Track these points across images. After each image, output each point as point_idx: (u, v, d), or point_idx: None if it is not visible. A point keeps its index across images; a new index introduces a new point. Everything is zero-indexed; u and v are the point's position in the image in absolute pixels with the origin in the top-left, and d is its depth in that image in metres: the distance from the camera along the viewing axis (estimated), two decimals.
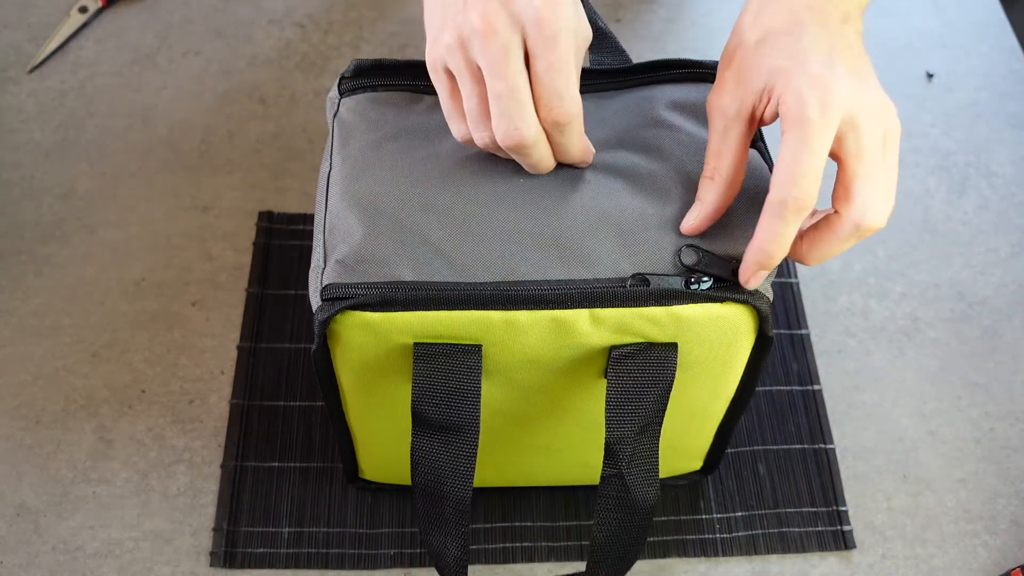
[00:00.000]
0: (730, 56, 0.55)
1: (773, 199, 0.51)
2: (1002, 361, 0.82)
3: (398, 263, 0.55)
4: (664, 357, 0.56)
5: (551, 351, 0.56)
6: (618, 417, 0.55)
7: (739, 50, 0.54)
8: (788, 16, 0.53)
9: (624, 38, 0.98)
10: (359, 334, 0.55)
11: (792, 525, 0.74)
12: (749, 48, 0.53)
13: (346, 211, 0.57)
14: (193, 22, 0.98)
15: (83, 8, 0.97)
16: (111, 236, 0.85)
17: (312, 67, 0.96)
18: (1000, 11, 1.02)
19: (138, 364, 0.79)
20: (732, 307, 0.55)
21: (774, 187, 0.51)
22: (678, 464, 0.72)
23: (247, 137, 0.91)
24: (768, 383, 0.80)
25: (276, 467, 0.75)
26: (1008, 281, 0.86)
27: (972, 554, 0.73)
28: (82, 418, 0.76)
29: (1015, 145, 0.93)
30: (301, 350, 0.80)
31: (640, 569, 0.72)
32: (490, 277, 0.54)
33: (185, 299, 0.82)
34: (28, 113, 0.91)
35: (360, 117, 0.61)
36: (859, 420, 0.79)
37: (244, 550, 0.71)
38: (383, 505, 0.74)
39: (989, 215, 0.89)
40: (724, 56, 0.55)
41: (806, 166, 0.50)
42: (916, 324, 0.83)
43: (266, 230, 0.85)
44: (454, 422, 0.55)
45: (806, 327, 0.82)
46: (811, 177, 0.50)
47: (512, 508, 0.74)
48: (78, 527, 0.72)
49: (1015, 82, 0.97)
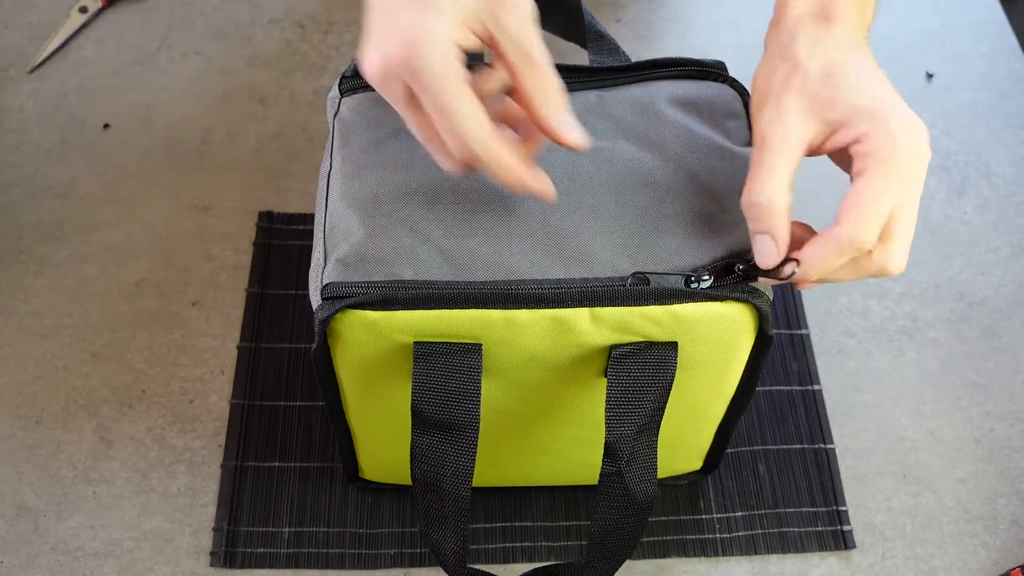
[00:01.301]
0: (785, 80, 0.53)
1: (840, 233, 0.51)
2: (1002, 361, 0.82)
3: (398, 262, 0.55)
4: (664, 356, 0.56)
5: (551, 350, 0.56)
6: (618, 416, 0.55)
7: (801, 77, 0.53)
8: (845, 49, 0.53)
9: (624, 38, 0.98)
10: (359, 333, 0.55)
11: (792, 525, 0.74)
12: (815, 78, 0.52)
13: (346, 210, 0.57)
14: (193, 22, 0.98)
15: (83, 8, 0.97)
16: (111, 236, 0.85)
17: (312, 67, 0.96)
18: (1000, 11, 1.02)
19: (138, 364, 0.79)
20: (732, 306, 0.55)
21: (844, 222, 0.51)
22: (678, 464, 0.72)
23: (247, 137, 0.91)
24: (768, 383, 0.80)
25: (276, 467, 0.75)
26: (1008, 281, 0.86)
27: (972, 554, 0.73)
28: (82, 418, 0.76)
29: (1015, 145, 0.93)
30: (301, 350, 0.80)
31: (640, 569, 0.72)
32: (490, 276, 0.54)
33: (185, 299, 0.82)
34: (28, 113, 0.91)
35: (361, 116, 0.61)
36: (859, 420, 0.79)
37: (244, 550, 0.71)
38: (383, 505, 0.74)
39: (989, 215, 0.89)
40: (776, 77, 0.54)
41: (881, 210, 0.51)
42: (916, 324, 0.83)
43: (266, 230, 0.85)
44: (454, 421, 0.55)
45: (806, 327, 0.82)
46: (880, 221, 0.51)
47: (512, 508, 0.74)
48: (78, 527, 0.72)
49: (1015, 82, 0.97)
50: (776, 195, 0.52)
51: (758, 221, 0.53)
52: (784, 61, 0.54)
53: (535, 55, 0.51)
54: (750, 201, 0.53)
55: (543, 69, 0.51)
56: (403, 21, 0.49)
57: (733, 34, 1.00)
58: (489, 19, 0.50)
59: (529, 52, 0.51)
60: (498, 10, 0.50)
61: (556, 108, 0.52)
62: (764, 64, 0.55)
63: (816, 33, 0.54)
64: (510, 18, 0.50)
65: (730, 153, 0.59)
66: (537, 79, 0.52)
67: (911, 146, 0.51)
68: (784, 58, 0.54)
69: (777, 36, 0.55)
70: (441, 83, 0.49)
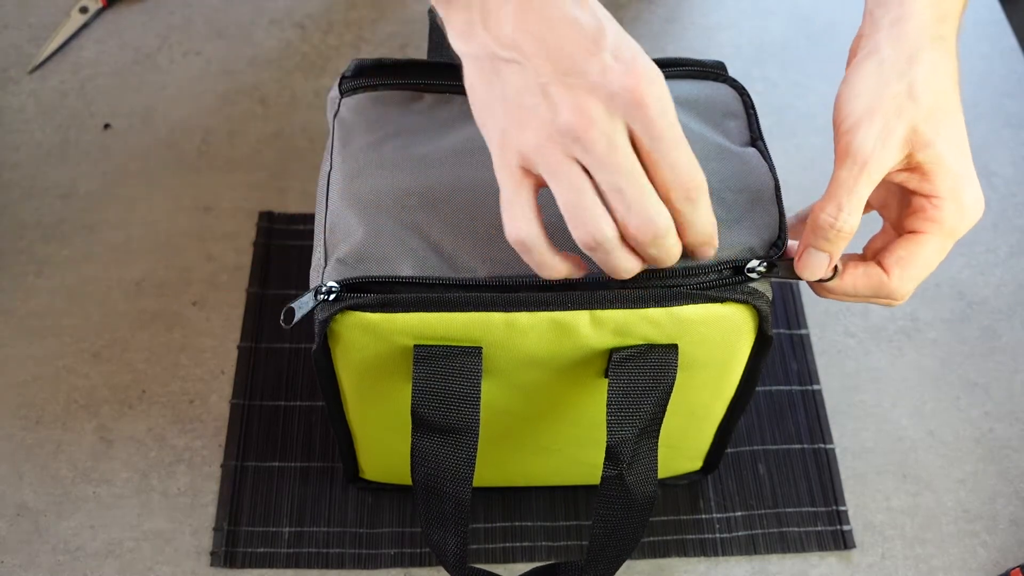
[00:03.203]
0: (899, 105, 0.51)
1: (885, 283, 0.52)
2: (1002, 361, 0.82)
3: (398, 260, 0.55)
4: (665, 360, 0.56)
5: (551, 352, 0.56)
6: (619, 420, 0.55)
7: (913, 108, 0.51)
8: (951, 85, 0.53)
9: None
10: (359, 335, 0.55)
11: (792, 525, 0.74)
12: (923, 111, 0.51)
13: (347, 210, 0.57)
14: (193, 22, 0.98)
15: (83, 8, 0.97)
16: (111, 236, 0.85)
17: (312, 67, 0.96)
18: (1000, 11, 1.02)
19: (138, 364, 0.79)
20: (732, 307, 0.55)
21: (893, 275, 0.52)
22: (678, 464, 0.72)
23: (247, 137, 0.91)
24: (768, 383, 0.80)
25: (276, 467, 0.75)
26: (1008, 281, 0.86)
27: (971, 554, 0.73)
28: (82, 418, 0.76)
29: (1015, 145, 0.93)
30: (301, 350, 0.80)
31: (640, 568, 0.72)
32: (489, 271, 0.54)
33: (185, 299, 0.82)
34: (29, 113, 0.91)
35: (361, 117, 0.61)
36: (859, 420, 0.79)
37: (244, 550, 0.72)
38: (383, 505, 0.74)
39: (989, 215, 0.89)
40: (888, 95, 0.52)
41: (927, 272, 0.52)
42: (916, 324, 0.83)
43: (266, 230, 0.85)
44: (454, 425, 0.55)
45: (806, 327, 0.82)
46: (921, 280, 0.53)
47: (512, 508, 0.74)
48: (78, 527, 0.72)
49: (1015, 82, 0.97)
50: (855, 223, 0.51)
51: (825, 241, 0.52)
52: (900, 80, 0.52)
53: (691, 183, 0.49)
54: (826, 222, 0.52)
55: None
56: (563, 101, 0.47)
57: (732, 34, 1.00)
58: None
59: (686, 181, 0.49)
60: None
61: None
62: (876, 67, 0.52)
63: (934, 57, 0.52)
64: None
65: (729, 153, 0.59)
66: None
67: (972, 222, 0.52)
68: (901, 76, 0.52)
69: (899, 41, 0.53)
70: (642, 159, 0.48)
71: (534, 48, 0.47)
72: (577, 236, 0.49)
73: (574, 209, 0.48)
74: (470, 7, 0.49)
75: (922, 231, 0.52)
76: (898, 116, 0.51)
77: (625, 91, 0.46)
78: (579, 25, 0.47)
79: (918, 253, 0.52)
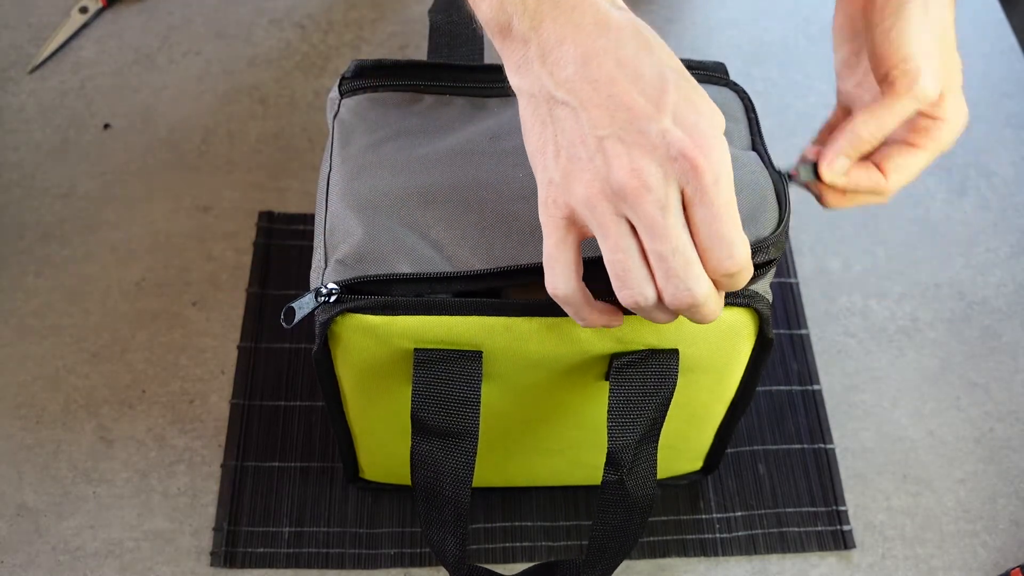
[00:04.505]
0: (944, 49, 0.56)
1: (882, 184, 0.57)
2: (1002, 361, 0.82)
3: (397, 260, 0.55)
4: (665, 366, 0.56)
5: (552, 356, 0.56)
6: (620, 426, 0.55)
7: (951, 53, 0.56)
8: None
9: None
10: (360, 337, 0.55)
11: (792, 525, 0.74)
12: (955, 57, 0.57)
13: (346, 211, 0.57)
14: (193, 22, 0.98)
15: (83, 8, 0.97)
16: (111, 236, 0.85)
17: (312, 67, 0.96)
18: (1000, 11, 1.02)
19: (138, 364, 0.79)
20: (732, 310, 0.55)
21: (891, 179, 0.57)
22: (678, 464, 0.72)
23: (247, 137, 0.91)
24: (768, 383, 0.80)
25: (276, 467, 0.75)
26: (1008, 281, 0.86)
27: (972, 554, 0.73)
28: (82, 418, 0.76)
29: (1015, 145, 0.93)
30: (301, 350, 0.80)
31: (640, 568, 0.72)
32: (488, 265, 0.54)
33: (185, 299, 0.82)
34: (28, 113, 0.91)
35: (360, 118, 0.61)
36: (859, 420, 0.79)
37: (244, 550, 0.72)
38: (383, 505, 0.74)
39: (989, 215, 0.89)
40: (937, 41, 0.56)
41: (915, 177, 0.59)
42: (916, 324, 0.83)
43: (266, 230, 0.85)
44: (454, 428, 0.55)
45: (806, 327, 0.82)
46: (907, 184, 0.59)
47: (512, 508, 0.74)
48: (78, 527, 0.72)
49: (1015, 82, 0.97)
50: (882, 137, 0.56)
51: (856, 151, 0.57)
52: (942, 25, 0.56)
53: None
54: (867, 138, 0.56)
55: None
56: (619, 159, 0.46)
57: (733, 34, 1.00)
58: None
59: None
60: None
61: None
62: (922, 11, 0.55)
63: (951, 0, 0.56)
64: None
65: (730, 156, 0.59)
66: None
67: (960, 132, 0.58)
68: (942, 22, 0.56)
69: None
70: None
71: (594, 98, 0.46)
72: (621, 296, 0.48)
73: (620, 270, 0.48)
74: (527, 43, 0.48)
75: (920, 146, 0.57)
76: (944, 61, 0.56)
77: (684, 158, 0.45)
78: (643, 82, 0.46)
79: (915, 164, 0.57)
